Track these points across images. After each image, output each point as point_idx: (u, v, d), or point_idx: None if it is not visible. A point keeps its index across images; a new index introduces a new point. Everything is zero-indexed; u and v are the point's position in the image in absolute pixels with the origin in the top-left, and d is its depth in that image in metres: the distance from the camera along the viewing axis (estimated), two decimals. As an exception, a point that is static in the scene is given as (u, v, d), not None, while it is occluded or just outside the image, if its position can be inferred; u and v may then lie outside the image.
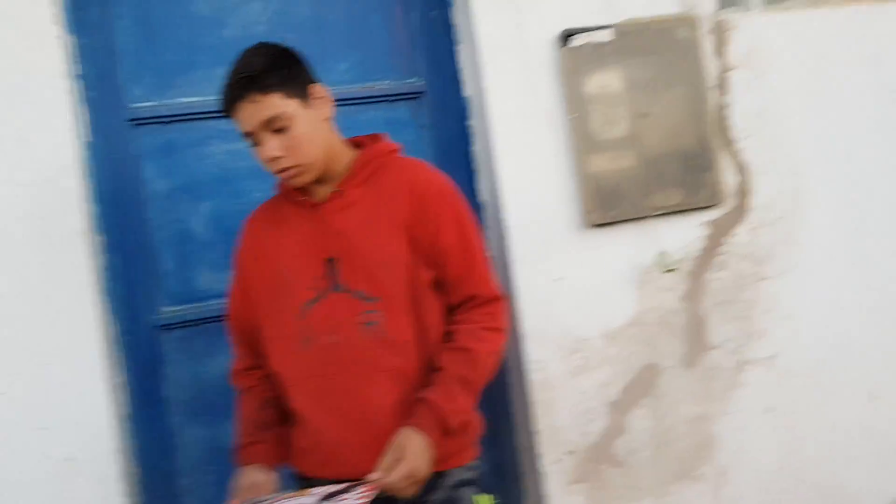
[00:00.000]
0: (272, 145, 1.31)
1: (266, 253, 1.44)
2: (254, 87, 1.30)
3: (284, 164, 1.33)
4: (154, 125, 1.92)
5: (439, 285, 1.42)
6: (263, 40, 1.40)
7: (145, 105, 1.92)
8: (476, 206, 2.04)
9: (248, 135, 1.34)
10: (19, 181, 1.69)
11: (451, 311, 1.43)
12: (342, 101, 2.01)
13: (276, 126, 1.31)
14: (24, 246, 1.68)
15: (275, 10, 2.03)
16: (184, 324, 1.90)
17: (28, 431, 1.67)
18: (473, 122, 2.04)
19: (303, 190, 1.41)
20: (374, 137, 1.48)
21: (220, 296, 1.73)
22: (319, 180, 1.39)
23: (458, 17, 2.04)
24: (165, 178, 1.94)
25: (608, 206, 1.96)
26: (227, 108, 1.34)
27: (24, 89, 1.70)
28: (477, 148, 2.04)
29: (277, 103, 1.30)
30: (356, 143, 1.47)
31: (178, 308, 1.91)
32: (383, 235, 1.38)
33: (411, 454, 1.24)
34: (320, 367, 1.37)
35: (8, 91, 1.69)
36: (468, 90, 2.04)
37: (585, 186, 1.94)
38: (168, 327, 1.90)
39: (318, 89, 1.37)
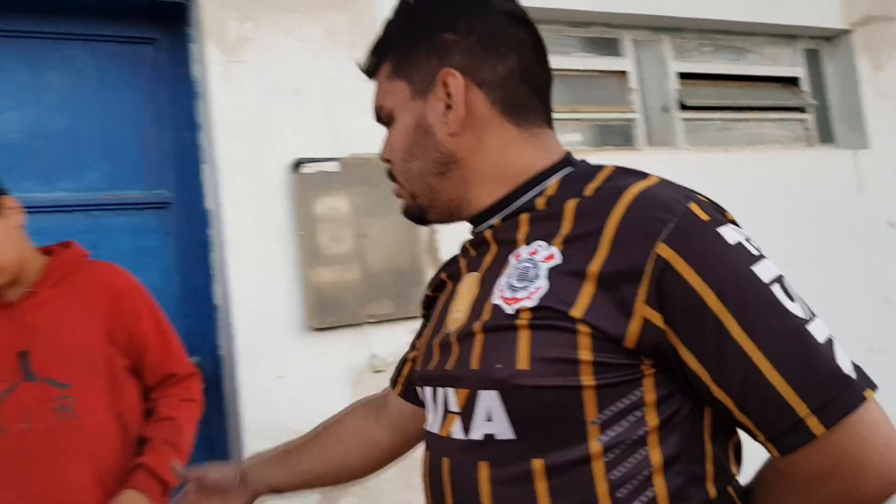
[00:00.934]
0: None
1: None
2: None
3: None
4: None
5: (136, 370, 1.62)
6: None
7: None
8: (211, 308, 2.29)
9: None
10: None
11: (150, 391, 1.65)
12: (91, 207, 2.25)
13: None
14: None
15: (30, 120, 2.24)
16: None
17: None
18: (212, 233, 2.30)
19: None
20: (66, 244, 1.66)
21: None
22: (10, 283, 1.53)
23: (203, 139, 2.34)
24: None
25: (328, 313, 2.27)
26: None
27: None
28: (214, 255, 2.30)
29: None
30: (47, 251, 1.64)
31: None
32: (78, 329, 1.54)
33: None
34: (13, 456, 1.46)
35: None
36: (210, 204, 2.32)
37: (309, 295, 2.25)
38: None
39: (8, 200, 1.55)
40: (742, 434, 0.76)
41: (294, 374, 2.24)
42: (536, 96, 0.85)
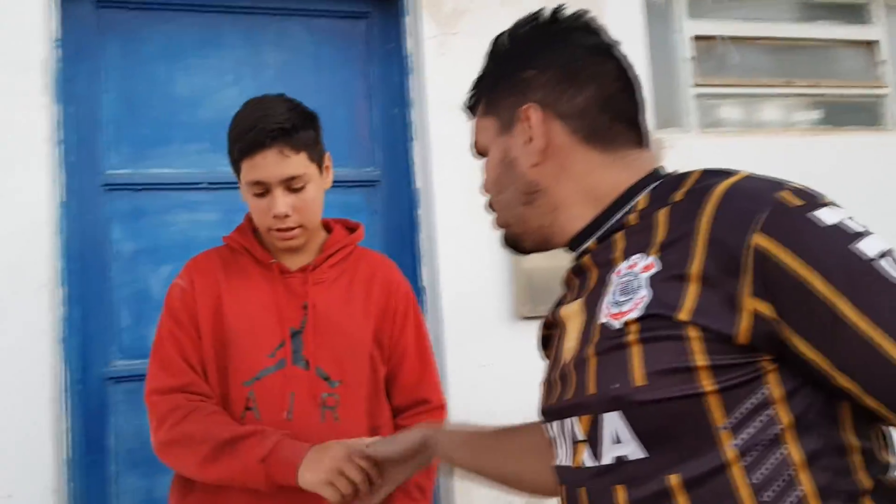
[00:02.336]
0: (285, 202, 1.32)
1: (222, 305, 1.39)
2: (287, 142, 1.32)
3: (290, 223, 1.35)
4: (126, 191, 2.17)
5: (387, 384, 1.47)
6: (283, 94, 1.43)
7: (120, 172, 2.17)
8: (419, 290, 2.28)
9: (258, 184, 1.33)
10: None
11: (396, 413, 1.47)
12: (304, 183, 2.28)
13: (295, 185, 1.33)
14: (-7, 294, 1.90)
15: (249, 95, 2.29)
16: (133, 377, 2.09)
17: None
18: (420, 212, 2.29)
19: (270, 253, 1.43)
20: (344, 222, 1.53)
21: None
22: (293, 250, 1.42)
23: (415, 115, 2.32)
24: (131, 240, 2.17)
25: (538, 301, 2.19)
26: (247, 151, 1.33)
27: (7, 150, 1.94)
28: (422, 236, 2.29)
29: (303, 164, 1.34)
30: (325, 225, 1.50)
31: (129, 362, 2.11)
32: (354, 321, 1.40)
33: None
34: None
35: (-5, 152, 1.94)
36: (419, 182, 2.30)
37: (518, 281, 2.18)
38: (117, 380, 2.09)
39: (328, 158, 1.44)
40: None
41: (499, 362, 2.18)
42: (621, 122, 0.88)
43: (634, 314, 0.74)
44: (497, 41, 0.95)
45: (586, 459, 0.80)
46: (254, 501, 1.30)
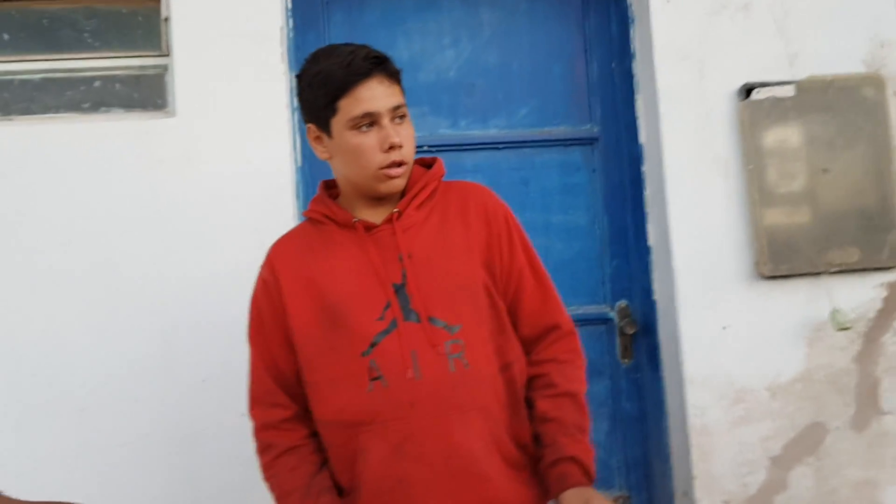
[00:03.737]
0: (398, 130, 1.27)
1: (315, 283, 1.31)
2: (387, 71, 1.28)
3: (401, 156, 1.28)
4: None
5: (511, 316, 1.36)
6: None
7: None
8: (645, 249, 2.20)
9: (366, 116, 1.26)
10: (243, 197, 2.03)
11: (529, 344, 1.36)
12: (520, 144, 2.27)
13: (399, 114, 1.28)
14: (242, 251, 1.98)
15: (466, 57, 2.31)
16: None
17: (229, 418, 1.96)
18: (647, 168, 2.20)
19: (350, 212, 1.34)
20: (418, 160, 1.41)
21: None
22: (370, 203, 1.33)
23: (638, 68, 2.23)
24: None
25: (781, 259, 2.05)
26: (350, 83, 1.25)
27: (252, 115, 2.05)
28: (648, 193, 2.20)
29: (401, 92, 1.31)
30: None
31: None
32: (458, 258, 1.30)
33: (603, 500, 1.20)
34: (398, 409, 1.24)
35: (239, 116, 2.05)
36: (643, 137, 2.21)
37: (759, 237, 2.05)
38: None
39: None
40: None
41: (740, 325, 2.06)
42: None
43: None
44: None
45: None
46: None
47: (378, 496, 1.25)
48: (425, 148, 2.24)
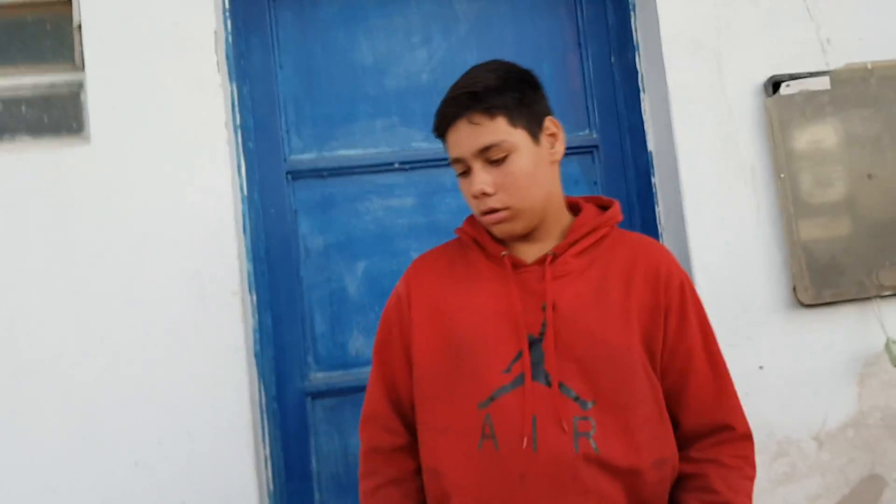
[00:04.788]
0: (483, 178, 1.12)
1: (446, 312, 1.19)
2: (477, 106, 1.12)
3: (493, 203, 1.13)
4: (312, 179, 1.91)
5: (670, 405, 1.17)
6: (498, 59, 1.22)
7: (304, 158, 1.92)
8: (660, 277, 1.87)
9: (457, 161, 1.15)
10: (176, 237, 1.69)
11: (687, 440, 1.17)
12: (509, 155, 1.93)
13: (493, 156, 1.12)
14: (177, 304, 1.68)
15: (440, 57, 1.98)
16: (332, 392, 1.84)
17: (170, 505, 1.63)
18: (658, 181, 1.88)
19: (503, 244, 1.20)
20: (596, 199, 1.26)
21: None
22: (527, 237, 1.18)
23: (643, 62, 1.91)
24: (320, 234, 1.91)
25: (824, 283, 1.73)
26: (440, 127, 1.16)
27: (184, 138, 1.72)
28: (661, 209, 1.88)
29: (501, 129, 1.11)
30: (574, 205, 1.25)
31: (328, 374, 1.85)
32: (612, 322, 1.12)
33: None
34: (507, 479, 1.09)
35: (168, 139, 1.71)
36: (652, 144, 1.89)
37: (795, 258, 1.73)
38: (315, 395, 1.84)
39: (551, 123, 1.18)
40: None
41: (779, 363, 1.75)
42: None
43: None
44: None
45: None
46: None
47: None
48: (395, 165, 1.91)
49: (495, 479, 1.09)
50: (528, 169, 1.13)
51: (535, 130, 1.14)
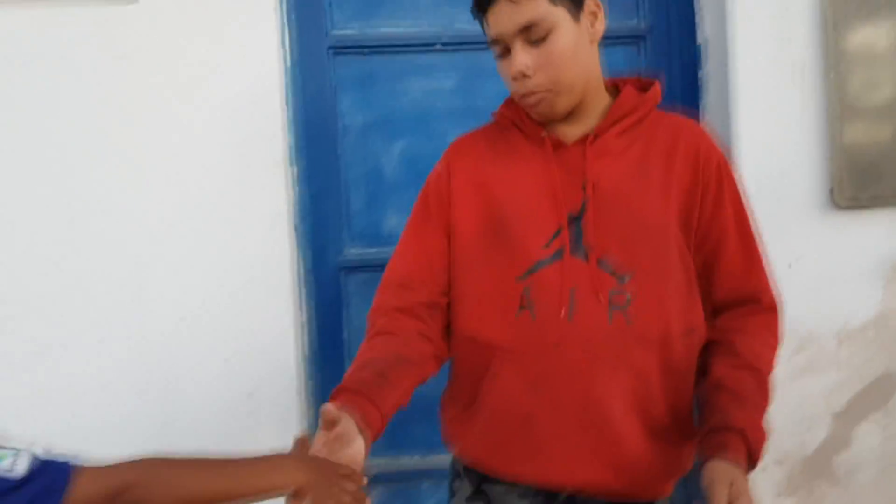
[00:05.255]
0: (523, 58, 1.10)
1: (488, 189, 1.20)
2: None
3: (533, 84, 1.12)
4: (353, 55, 1.89)
5: (703, 277, 1.20)
6: None
7: (347, 33, 1.89)
8: (698, 171, 1.89)
9: (495, 42, 1.13)
10: (223, 104, 1.70)
11: (716, 310, 1.21)
12: (553, 41, 1.91)
13: (533, 35, 1.10)
14: (223, 168, 1.71)
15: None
16: (366, 267, 1.88)
17: (210, 362, 1.71)
18: (706, 72, 1.86)
19: (543, 125, 1.20)
20: (636, 81, 1.24)
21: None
22: (566, 119, 1.18)
23: (698, -51, 1.86)
24: (360, 112, 1.92)
25: (861, 187, 1.74)
26: (480, 4, 1.14)
27: (232, 9, 1.70)
28: (708, 101, 1.87)
29: (541, 6, 1.09)
30: (613, 86, 1.24)
31: (362, 251, 1.90)
32: (651, 200, 1.14)
33: (748, 496, 0.99)
34: (540, 346, 1.14)
35: (215, 5, 1.69)
36: (703, 35, 1.87)
37: (837, 159, 1.74)
38: (351, 269, 1.89)
39: (591, 1, 1.14)
40: None
41: (810, 261, 1.78)
42: None
43: None
44: None
45: None
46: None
47: (503, 425, 1.17)
48: (438, 46, 1.90)
49: (531, 345, 1.14)
50: (568, 48, 1.11)
51: (575, 8, 1.12)
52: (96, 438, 1.66)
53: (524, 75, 1.11)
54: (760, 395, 1.14)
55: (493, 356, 1.17)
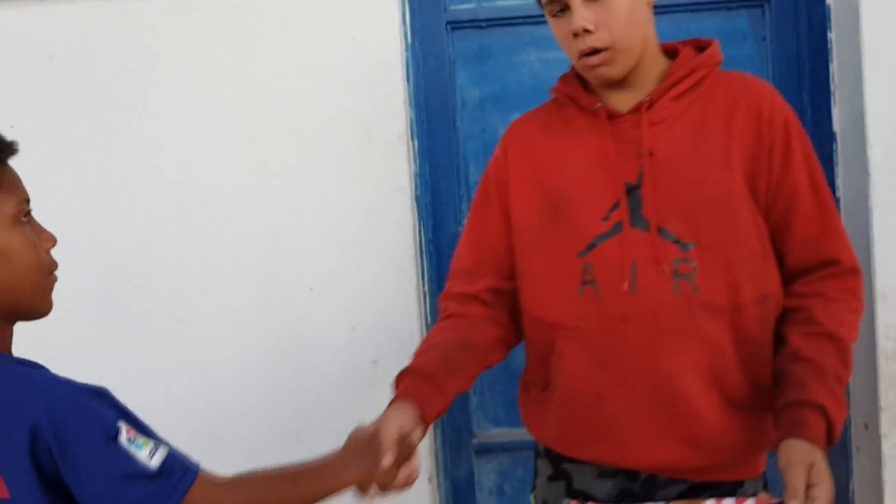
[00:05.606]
0: (584, 13, 1.08)
1: (543, 168, 1.20)
2: None
3: (594, 42, 1.09)
4: (471, 29, 1.92)
5: (777, 242, 1.15)
6: None
7: (463, 7, 1.92)
8: (829, 136, 1.82)
9: (553, 0, 1.12)
10: (348, 79, 1.76)
11: (792, 277, 1.15)
12: (669, 7, 1.90)
13: None
14: (347, 143, 1.78)
15: None
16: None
17: (338, 330, 1.78)
18: (835, 36, 1.80)
19: (597, 95, 1.18)
20: (695, 42, 1.20)
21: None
22: (623, 85, 1.15)
23: None
24: (477, 86, 1.95)
25: None
26: None
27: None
28: (835, 66, 1.81)
29: None
30: (670, 51, 1.20)
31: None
32: (712, 164, 1.11)
33: (827, 481, 0.94)
34: (605, 321, 1.12)
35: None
36: (832, -5, 1.80)
37: (982, 120, 1.64)
38: (468, 243, 1.92)
39: None
40: None
41: (951, 230, 1.69)
42: None
43: None
44: None
45: None
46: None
47: (573, 405, 1.16)
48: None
49: (596, 321, 1.12)
50: (628, 6, 1.09)
51: None
52: (234, 406, 1.78)
53: (586, 30, 1.08)
54: (842, 365, 1.07)
55: (558, 335, 1.17)
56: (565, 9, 1.10)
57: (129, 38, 1.77)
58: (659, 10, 1.85)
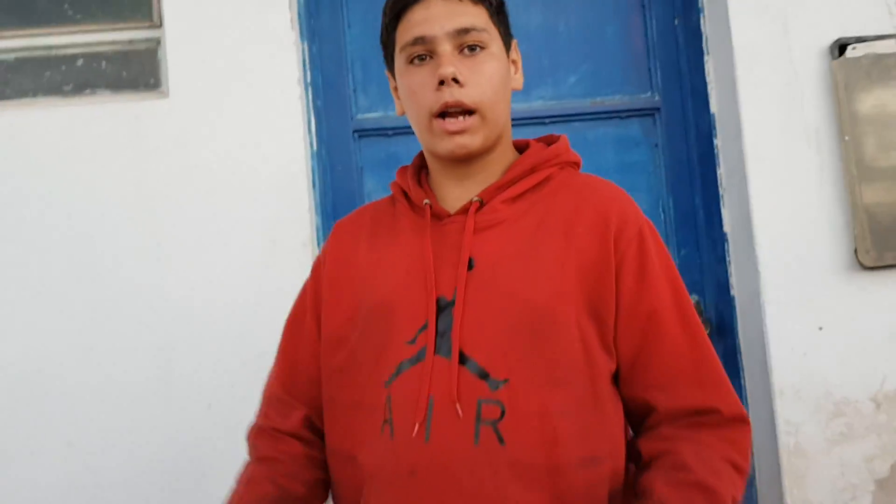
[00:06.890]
0: (454, 62, 0.92)
1: (359, 276, 1.00)
2: None
3: (462, 96, 0.91)
4: (378, 137, 1.97)
5: (626, 383, 0.93)
6: None
7: (370, 116, 1.97)
8: (720, 237, 1.91)
9: (419, 40, 0.93)
10: (251, 188, 1.77)
11: (656, 425, 0.91)
12: (569, 117, 1.99)
13: (469, 39, 0.93)
14: (250, 251, 1.76)
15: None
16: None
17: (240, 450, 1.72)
18: (720, 142, 1.91)
19: (429, 190, 1.01)
20: (548, 139, 1.04)
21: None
22: (467, 171, 0.98)
23: (707, 24, 1.93)
24: (385, 192, 1.94)
25: (885, 246, 1.76)
26: (404, 4, 0.96)
27: (258, 93, 1.79)
28: (723, 171, 1.91)
29: (482, 18, 0.94)
30: (521, 147, 1.04)
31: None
32: (540, 282, 0.90)
33: None
34: (395, 474, 0.89)
35: (243, 94, 1.78)
36: (715, 106, 1.92)
37: (858, 220, 1.75)
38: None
39: (516, 49, 1.02)
40: None
41: (839, 324, 1.77)
42: None
43: None
44: None
45: None
46: None
47: None
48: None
49: (390, 472, 0.89)
50: (500, 74, 0.95)
51: (507, 43, 0.99)
52: None
53: (455, 80, 0.91)
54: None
55: (363, 478, 0.92)
56: (427, 56, 0.94)
57: (23, 150, 1.74)
58: (555, 118, 1.98)
